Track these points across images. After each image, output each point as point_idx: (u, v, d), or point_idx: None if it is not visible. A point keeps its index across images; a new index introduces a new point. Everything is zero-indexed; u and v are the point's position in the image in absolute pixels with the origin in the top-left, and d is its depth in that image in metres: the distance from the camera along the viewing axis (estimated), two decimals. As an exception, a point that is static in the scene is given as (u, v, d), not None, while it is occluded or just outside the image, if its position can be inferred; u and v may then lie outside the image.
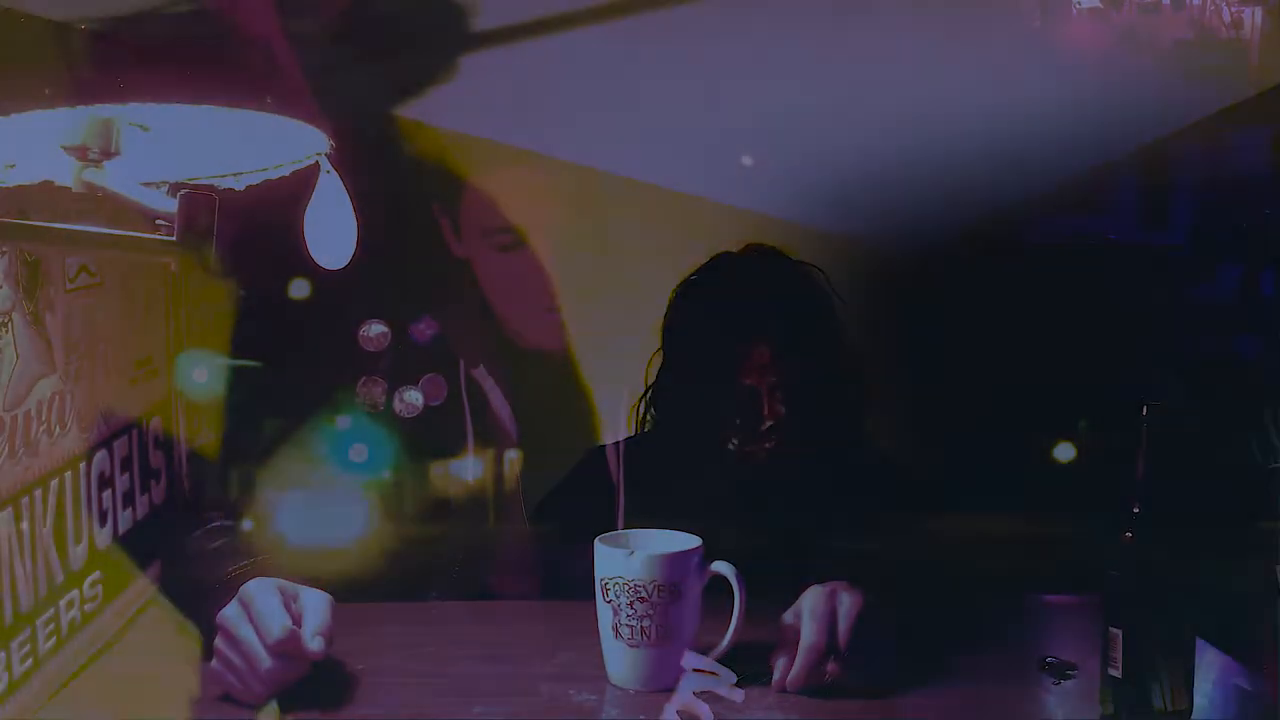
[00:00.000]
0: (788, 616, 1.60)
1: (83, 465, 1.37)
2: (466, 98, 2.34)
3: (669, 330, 2.01)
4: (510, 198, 2.38)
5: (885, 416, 2.09)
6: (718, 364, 1.91)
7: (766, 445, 1.91)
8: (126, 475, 1.47)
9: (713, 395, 1.92)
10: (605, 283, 2.46)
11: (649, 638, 1.57)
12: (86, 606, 1.38)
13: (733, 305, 1.93)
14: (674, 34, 2.25)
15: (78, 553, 1.36)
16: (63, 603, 1.33)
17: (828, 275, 1.98)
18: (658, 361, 2.02)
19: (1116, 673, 1.49)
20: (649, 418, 2.04)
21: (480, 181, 2.36)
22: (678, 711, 1.54)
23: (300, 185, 1.44)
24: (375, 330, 2.07)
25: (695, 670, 1.55)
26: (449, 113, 2.36)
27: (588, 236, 2.48)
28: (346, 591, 1.63)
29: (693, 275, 2.02)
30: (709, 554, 1.60)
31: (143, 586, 1.52)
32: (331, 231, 1.48)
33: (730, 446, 1.92)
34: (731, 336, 1.91)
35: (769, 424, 1.90)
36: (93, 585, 1.40)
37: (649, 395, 2.03)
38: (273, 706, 1.50)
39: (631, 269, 2.42)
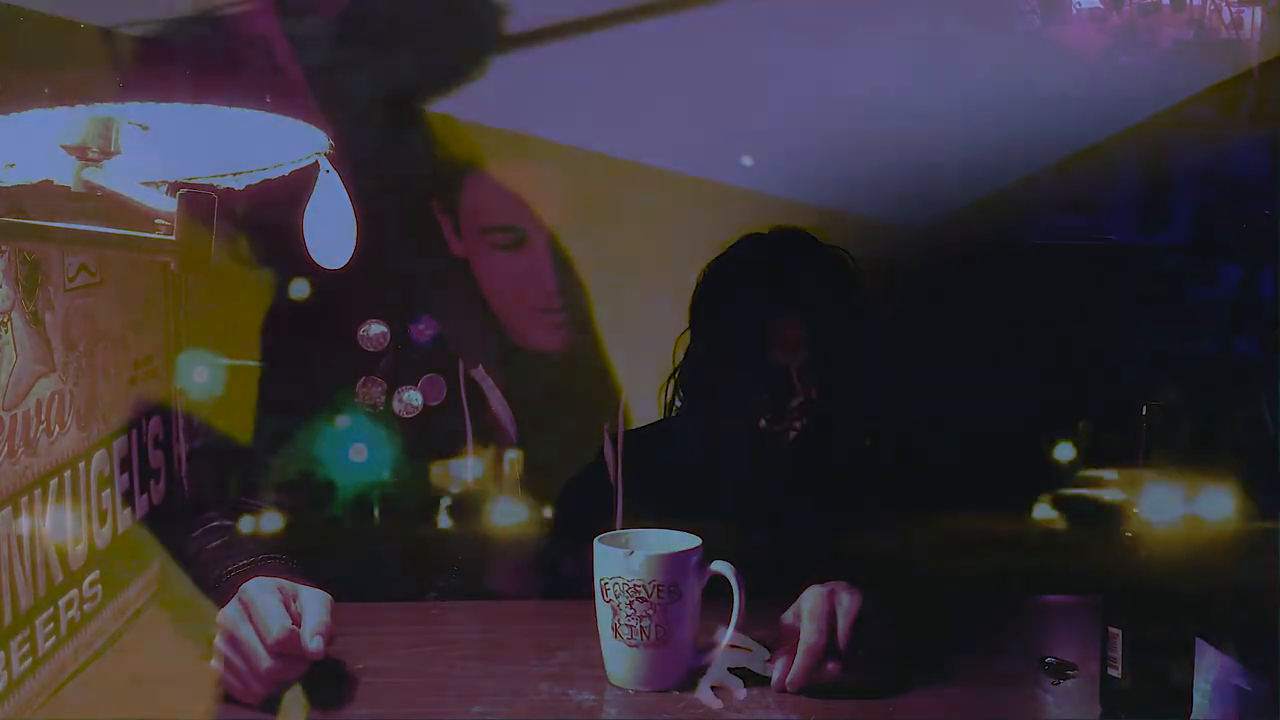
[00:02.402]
0: (787, 616, 1.60)
1: (82, 465, 1.37)
2: (476, 88, 2.33)
3: (697, 310, 2.01)
4: (526, 186, 2.38)
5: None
6: (747, 343, 1.91)
7: (795, 424, 1.91)
8: (126, 475, 1.47)
9: (742, 374, 1.91)
10: (625, 269, 2.46)
11: (648, 638, 1.56)
12: (86, 606, 1.38)
13: (763, 284, 1.93)
14: (690, 23, 2.25)
15: (77, 552, 1.36)
16: (62, 602, 1.33)
17: (854, 258, 1.98)
18: (684, 343, 2.02)
19: (1116, 673, 1.49)
20: (677, 398, 2.03)
21: (494, 171, 2.36)
22: (711, 686, 1.54)
23: (299, 185, 1.44)
24: (375, 330, 2.07)
25: (730, 646, 1.56)
26: (459, 103, 2.36)
27: (606, 224, 2.48)
28: (348, 590, 1.63)
29: (722, 255, 2.01)
30: (725, 548, 1.60)
31: (142, 586, 1.52)
32: (330, 231, 1.48)
33: (760, 426, 1.91)
34: (761, 315, 1.91)
35: (799, 402, 1.90)
36: (92, 585, 1.40)
37: (677, 376, 2.02)
38: (298, 703, 1.50)
39: (650, 256, 2.42)
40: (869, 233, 2.47)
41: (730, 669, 1.57)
